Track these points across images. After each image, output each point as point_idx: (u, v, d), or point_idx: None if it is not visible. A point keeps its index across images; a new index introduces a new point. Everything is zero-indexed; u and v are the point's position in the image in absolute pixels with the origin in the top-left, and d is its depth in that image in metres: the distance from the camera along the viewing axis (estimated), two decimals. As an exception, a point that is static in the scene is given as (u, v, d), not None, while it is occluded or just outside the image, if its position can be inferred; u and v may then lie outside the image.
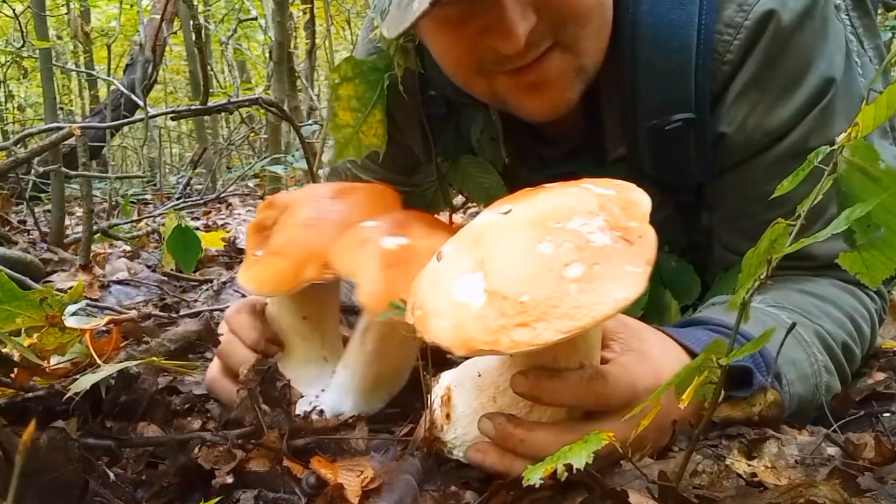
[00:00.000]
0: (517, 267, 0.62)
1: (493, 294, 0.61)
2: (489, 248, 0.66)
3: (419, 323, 0.65)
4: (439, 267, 0.70)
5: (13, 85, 6.83)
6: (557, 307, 0.58)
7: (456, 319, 0.62)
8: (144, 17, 4.83)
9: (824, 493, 0.61)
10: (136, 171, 8.15)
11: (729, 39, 0.92)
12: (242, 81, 7.57)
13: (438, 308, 0.64)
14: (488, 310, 0.61)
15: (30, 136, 2.55)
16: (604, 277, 0.59)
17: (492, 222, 0.70)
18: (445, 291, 0.65)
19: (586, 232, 0.63)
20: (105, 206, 3.22)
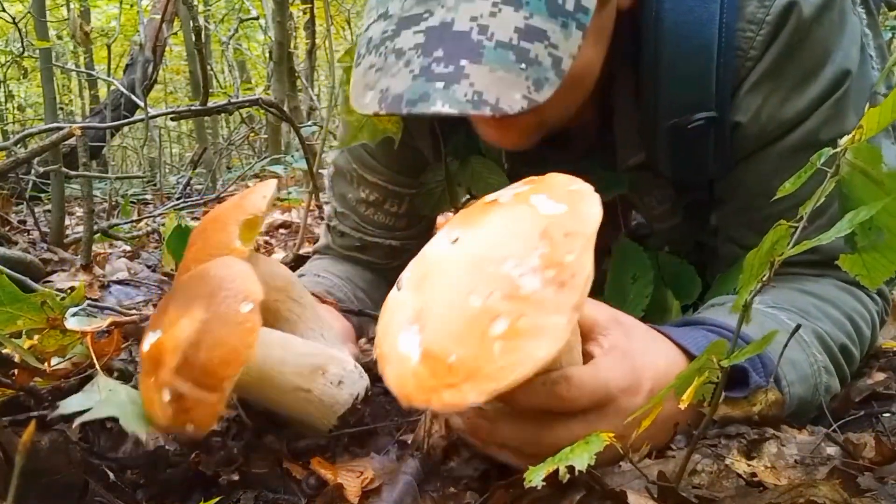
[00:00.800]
0: (448, 324, 0.62)
1: (427, 353, 0.62)
2: (429, 294, 0.66)
3: (379, 361, 0.66)
4: (395, 301, 0.69)
5: (13, 85, 6.83)
6: (481, 368, 0.58)
7: (399, 371, 0.63)
8: (144, 17, 4.83)
9: (824, 493, 0.61)
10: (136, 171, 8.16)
11: (752, 36, 0.92)
12: (242, 81, 7.57)
13: (388, 354, 0.65)
14: (422, 368, 0.61)
15: (30, 136, 2.55)
16: (526, 333, 0.58)
17: (439, 256, 0.70)
18: (393, 339, 0.66)
19: (517, 275, 0.61)
20: (105, 206, 3.22)
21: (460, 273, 0.65)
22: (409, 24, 0.82)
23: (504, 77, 0.77)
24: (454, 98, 0.76)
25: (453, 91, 0.77)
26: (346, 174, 1.34)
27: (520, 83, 0.78)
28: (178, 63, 8.22)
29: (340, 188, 1.35)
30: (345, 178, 1.34)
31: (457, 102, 0.76)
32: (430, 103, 0.77)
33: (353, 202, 1.33)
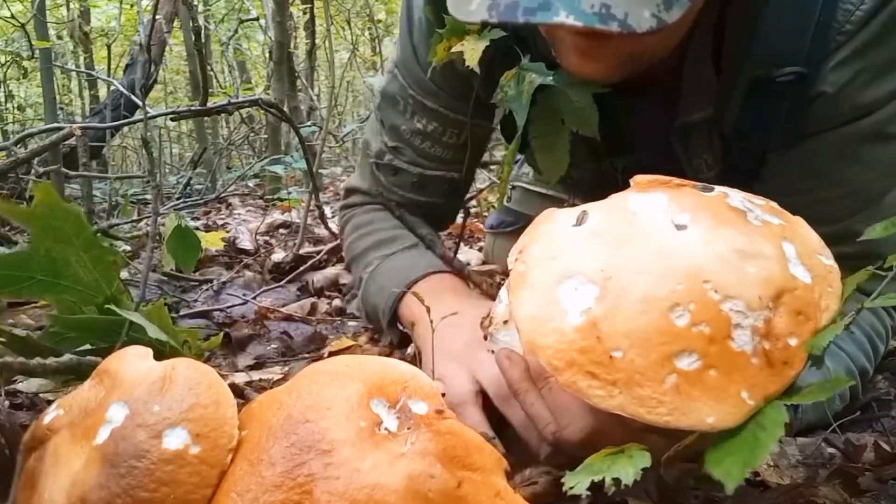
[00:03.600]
0: (636, 316, 0.54)
1: (593, 326, 0.55)
2: (627, 266, 0.56)
3: (514, 276, 0.59)
4: (569, 235, 0.60)
5: (13, 85, 6.82)
6: (640, 386, 0.52)
7: (543, 315, 0.57)
8: (144, 17, 4.83)
9: (825, 494, 0.61)
10: (136, 171, 8.16)
11: (851, 9, 0.90)
12: (242, 82, 7.57)
13: (538, 284, 0.58)
14: (576, 335, 0.55)
15: (30, 136, 2.55)
16: (708, 388, 0.51)
17: (657, 230, 0.59)
18: (555, 277, 0.58)
19: (734, 323, 0.53)
20: (105, 206, 3.22)
21: (675, 271, 0.55)
22: None
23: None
24: (579, 9, 0.70)
25: (578, 2, 0.70)
26: (399, 102, 1.20)
27: (650, 0, 0.72)
28: (178, 63, 8.22)
29: (392, 119, 1.22)
30: (397, 106, 1.21)
31: (582, 14, 0.70)
32: (553, 13, 0.70)
33: (408, 134, 1.21)
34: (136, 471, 0.48)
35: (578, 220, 0.61)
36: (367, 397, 0.54)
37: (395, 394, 0.55)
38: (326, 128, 2.64)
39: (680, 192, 0.63)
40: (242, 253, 2.42)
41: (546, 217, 0.65)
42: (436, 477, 0.49)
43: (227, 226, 3.19)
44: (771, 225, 0.61)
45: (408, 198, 1.27)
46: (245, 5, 6.17)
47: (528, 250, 0.62)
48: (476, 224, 2.52)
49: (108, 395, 0.54)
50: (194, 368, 0.56)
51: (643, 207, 0.61)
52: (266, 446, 0.51)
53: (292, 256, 2.07)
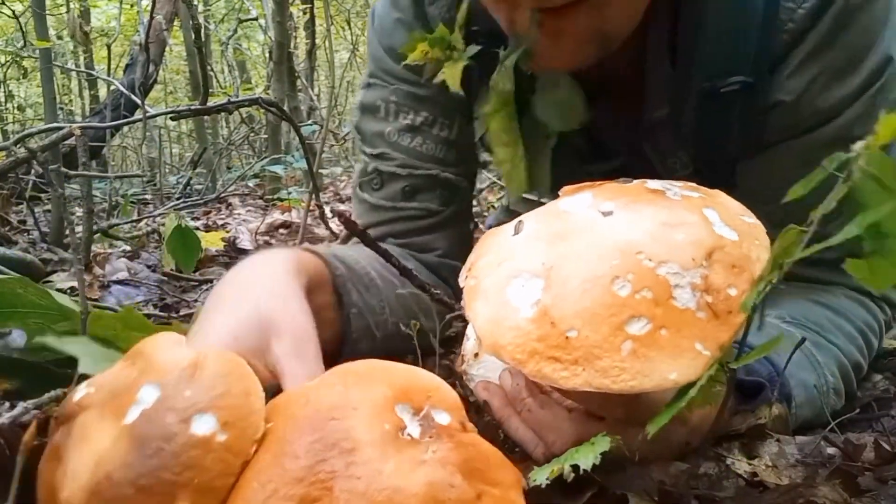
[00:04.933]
0: (581, 297, 0.57)
1: (544, 313, 0.57)
2: (565, 256, 0.60)
3: (467, 291, 0.62)
4: (511, 243, 0.64)
5: (13, 85, 6.82)
6: (599, 359, 0.54)
7: (497, 316, 0.59)
8: (144, 17, 4.83)
9: (824, 494, 0.61)
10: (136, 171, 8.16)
11: (793, 7, 0.89)
12: (242, 81, 7.57)
13: (489, 291, 0.61)
14: (531, 326, 0.57)
15: (30, 136, 2.55)
16: (664, 347, 0.53)
17: (586, 220, 0.62)
18: (501, 280, 0.61)
19: (673, 284, 0.56)
20: (105, 206, 3.22)
21: (608, 251, 0.58)
22: None
23: None
24: None
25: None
26: (379, 108, 1.15)
27: None
28: (178, 63, 8.22)
29: (374, 128, 1.15)
30: (377, 114, 1.15)
31: None
32: None
33: (395, 135, 1.13)
34: (164, 453, 0.48)
35: (516, 229, 0.65)
36: (393, 401, 0.54)
37: (419, 401, 0.55)
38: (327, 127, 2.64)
39: (603, 188, 0.67)
40: (242, 253, 2.42)
41: (489, 234, 0.69)
42: (455, 487, 0.49)
43: (227, 226, 3.19)
44: (691, 198, 0.64)
45: (399, 214, 1.15)
46: (245, 5, 6.17)
47: (476, 265, 0.65)
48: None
49: (140, 376, 0.55)
50: (226, 358, 0.56)
51: (571, 206, 0.65)
52: (290, 439, 0.51)
53: (292, 256, 2.07)
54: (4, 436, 0.60)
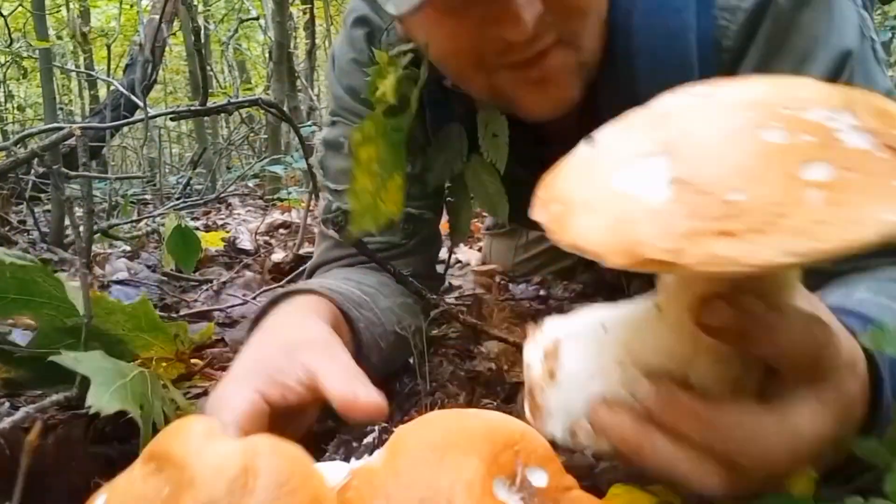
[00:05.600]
0: (727, 153, 0.43)
1: (684, 185, 0.42)
2: (679, 128, 0.46)
3: (555, 222, 0.47)
4: (592, 153, 0.50)
5: (13, 85, 6.82)
6: (787, 217, 0.39)
7: (618, 216, 0.43)
8: (144, 17, 4.83)
9: None
10: (135, 171, 8.15)
11: (725, 24, 0.89)
12: (242, 82, 7.57)
13: (590, 200, 0.46)
14: (674, 206, 0.42)
15: (30, 136, 2.55)
16: (862, 190, 0.40)
17: (681, 103, 0.49)
18: (603, 180, 0.46)
19: (833, 128, 0.43)
20: (105, 206, 3.22)
21: (737, 110, 0.45)
22: None
23: None
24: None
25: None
26: (343, 146, 1.15)
27: None
28: (178, 63, 8.22)
29: (338, 164, 1.15)
30: (341, 150, 1.15)
31: None
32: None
33: None
34: None
35: (590, 142, 0.51)
36: (488, 477, 0.44)
37: (509, 464, 0.45)
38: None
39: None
40: (242, 253, 2.42)
41: (553, 170, 0.54)
42: None
43: (227, 226, 3.19)
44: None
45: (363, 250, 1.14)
46: (245, 5, 6.17)
47: (555, 192, 0.50)
48: (476, 224, 2.52)
49: (176, 494, 0.43)
50: (280, 455, 0.45)
51: (651, 104, 0.51)
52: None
53: (292, 256, 2.07)
54: (7, 438, 0.61)
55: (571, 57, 0.88)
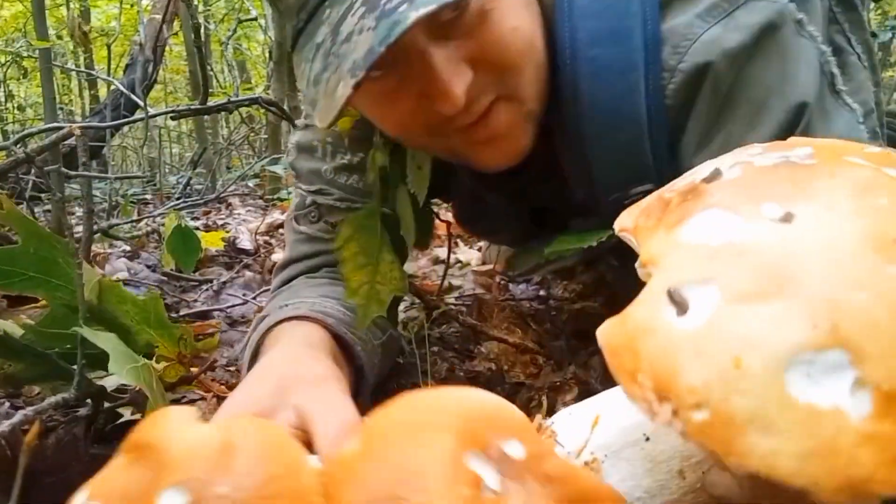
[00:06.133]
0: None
1: (888, 395, 0.35)
2: (821, 295, 0.38)
3: (709, 437, 0.37)
4: (707, 329, 0.40)
5: (13, 85, 6.82)
6: None
7: (818, 443, 0.35)
8: (144, 17, 4.83)
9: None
10: (136, 171, 8.15)
11: (665, 83, 0.89)
12: (242, 81, 7.57)
13: (760, 414, 0.36)
14: (882, 425, 0.35)
15: (30, 136, 2.55)
16: None
17: (778, 242, 0.41)
18: (767, 384, 0.37)
19: None
20: (105, 206, 3.22)
21: (866, 257, 0.38)
22: (342, 20, 0.79)
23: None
24: (424, 3, 0.72)
25: (419, 1, 0.72)
26: (316, 149, 1.16)
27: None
28: (178, 63, 8.22)
29: (310, 165, 1.16)
30: (314, 153, 1.16)
31: (429, 3, 0.71)
32: (404, 22, 0.71)
33: (331, 173, 1.13)
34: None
35: (679, 304, 0.42)
36: (461, 451, 0.42)
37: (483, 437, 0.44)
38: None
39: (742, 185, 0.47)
40: (242, 253, 2.42)
41: (624, 330, 0.43)
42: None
43: (227, 226, 3.19)
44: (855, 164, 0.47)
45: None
46: (245, 5, 6.17)
47: (677, 385, 0.39)
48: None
49: (156, 478, 0.42)
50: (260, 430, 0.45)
51: (724, 234, 0.44)
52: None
53: (292, 256, 2.07)
54: (7, 439, 0.61)
55: (515, 109, 0.89)
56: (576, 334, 1.37)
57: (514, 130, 0.91)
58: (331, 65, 0.79)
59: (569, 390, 1.14)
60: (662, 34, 0.88)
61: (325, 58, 0.80)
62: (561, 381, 1.17)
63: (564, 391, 1.14)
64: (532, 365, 1.26)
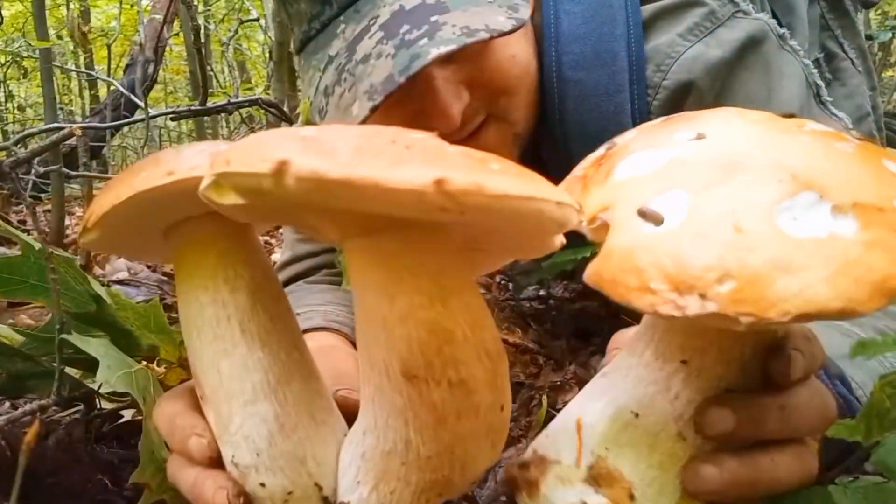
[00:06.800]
0: (856, 172, 0.43)
1: (863, 207, 0.41)
2: (767, 163, 0.44)
3: (744, 303, 0.39)
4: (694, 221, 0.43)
5: (13, 85, 6.82)
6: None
7: (834, 263, 0.39)
8: (144, 17, 4.83)
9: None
10: (135, 170, 8.13)
11: (650, 101, 0.91)
12: (242, 81, 7.57)
13: (778, 261, 0.39)
14: (869, 234, 0.40)
15: (30, 136, 2.55)
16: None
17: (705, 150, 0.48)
18: (770, 236, 0.41)
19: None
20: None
21: (802, 134, 0.48)
22: (359, 40, 0.81)
23: (479, 10, 0.78)
24: (445, 39, 0.75)
25: (440, 37, 0.75)
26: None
27: (497, 10, 0.78)
28: (178, 63, 8.22)
29: None
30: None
31: (450, 41, 0.74)
32: (423, 58, 0.74)
33: None
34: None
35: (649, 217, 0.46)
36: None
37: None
38: None
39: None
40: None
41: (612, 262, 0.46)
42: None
43: (228, 226, 3.18)
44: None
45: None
46: (245, 5, 6.17)
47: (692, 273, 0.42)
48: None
49: None
50: None
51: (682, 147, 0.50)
52: None
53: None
54: (7, 439, 0.61)
55: (505, 130, 0.92)
56: (576, 334, 1.36)
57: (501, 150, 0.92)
58: (345, 81, 0.81)
59: (569, 390, 1.14)
60: (647, 53, 0.90)
61: (338, 72, 0.82)
62: (561, 380, 1.17)
63: (565, 391, 1.14)
64: (532, 364, 1.26)
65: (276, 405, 0.57)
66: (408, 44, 0.76)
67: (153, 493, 0.65)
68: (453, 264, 0.51)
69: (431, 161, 0.41)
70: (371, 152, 0.41)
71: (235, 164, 0.42)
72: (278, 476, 0.56)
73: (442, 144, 0.46)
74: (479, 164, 0.44)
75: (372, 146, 0.42)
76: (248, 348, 0.57)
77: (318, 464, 0.57)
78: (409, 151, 0.42)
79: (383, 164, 0.39)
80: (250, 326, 0.57)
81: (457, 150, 0.45)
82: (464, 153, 0.45)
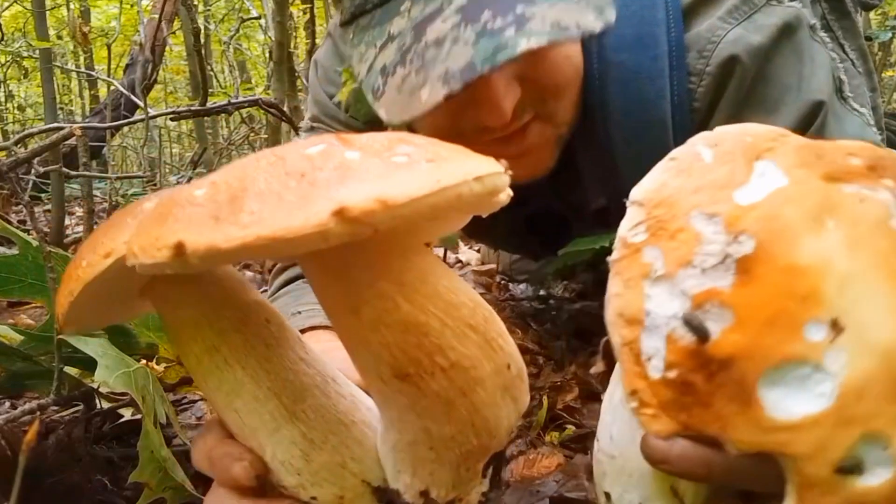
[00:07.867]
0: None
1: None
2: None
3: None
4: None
5: (13, 85, 6.82)
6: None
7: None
8: (145, 17, 4.82)
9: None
10: (136, 170, 8.15)
11: (694, 87, 0.92)
12: (242, 81, 7.57)
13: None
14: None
15: (30, 136, 2.54)
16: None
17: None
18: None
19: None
20: (105, 205, 3.21)
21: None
22: (429, 21, 0.78)
23: (567, 7, 0.75)
24: (535, 32, 0.72)
25: (529, 29, 0.72)
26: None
27: (585, 10, 0.76)
28: (178, 63, 8.22)
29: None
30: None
31: (541, 34, 0.71)
32: (512, 49, 0.71)
33: None
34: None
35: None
36: None
37: None
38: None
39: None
40: (242, 253, 2.41)
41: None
42: None
43: (228, 226, 3.18)
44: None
45: None
46: (245, 5, 6.17)
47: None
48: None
49: None
50: None
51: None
52: None
53: (292, 256, 2.07)
54: (7, 439, 0.60)
55: (549, 131, 0.92)
56: (576, 334, 1.36)
57: (542, 151, 0.94)
58: (410, 62, 0.78)
59: (569, 390, 1.14)
60: (687, 41, 0.89)
61: (401, 52, 0.79)
62: (561, 380, 1.16)
63: (565, 391, 1.14)
64: (532, 365, 1.26)
65: (300, 424, 0.57)
66: (491, 32, 0.73)
67: (153, 492, 0.66)
68: (404, 255, 0.51)
69: (335, 185, 0.41)
70: (272, 199, 0.40)
71: (140, 255, 0.43)
72: (325, 487, 0.58)
73: (342, 153, 0.44)
74: (385, 166, 0.43)
75: (275, 189, 0.41)
76: (254, 383, 0.57)
77: (358, 462, 0.58)
78: (312, 186, 0.41)
79: (283, 212, 0.39)
80: (249, 362, 0.57)
81: (359, 152, 0.44)
82: (367, 150, 0.44)
